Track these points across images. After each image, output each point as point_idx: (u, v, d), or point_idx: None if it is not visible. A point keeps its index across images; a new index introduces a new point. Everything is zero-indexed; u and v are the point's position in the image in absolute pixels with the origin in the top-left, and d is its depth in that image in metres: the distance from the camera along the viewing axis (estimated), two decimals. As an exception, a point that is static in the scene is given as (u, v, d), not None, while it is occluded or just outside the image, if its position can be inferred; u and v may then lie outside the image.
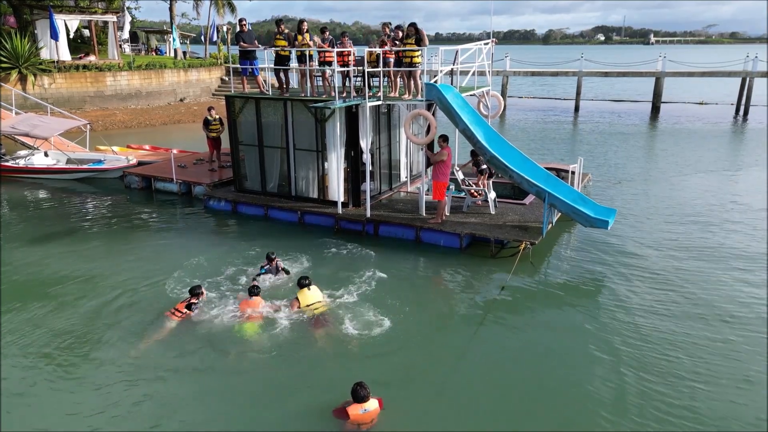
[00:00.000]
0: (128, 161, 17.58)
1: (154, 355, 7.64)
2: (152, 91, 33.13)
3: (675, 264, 10.69)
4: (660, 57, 32.99)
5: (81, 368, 7.34)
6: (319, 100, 12.10)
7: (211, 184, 15.07)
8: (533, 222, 11.79)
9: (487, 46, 13.59)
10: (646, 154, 21.61)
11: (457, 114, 11.43)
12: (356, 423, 6.07)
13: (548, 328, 8.47)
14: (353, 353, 7.63)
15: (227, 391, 6.87)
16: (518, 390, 6.94)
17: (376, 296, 9.30)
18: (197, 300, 8.64)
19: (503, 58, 35.34)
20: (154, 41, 50.42)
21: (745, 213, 13.80)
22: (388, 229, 12.03)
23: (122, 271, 10.39)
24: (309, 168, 13.29)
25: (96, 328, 8.31)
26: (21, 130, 17.78)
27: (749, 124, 29.42)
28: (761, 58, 32.10)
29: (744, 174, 18.15)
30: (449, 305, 9.22)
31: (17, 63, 26.93)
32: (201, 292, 8.77)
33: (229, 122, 14.02)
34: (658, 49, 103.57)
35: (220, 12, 44.26)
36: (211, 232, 12.70)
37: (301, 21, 12.93)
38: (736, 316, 8.69)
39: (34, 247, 11.62)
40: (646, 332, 8.20)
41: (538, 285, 9.91)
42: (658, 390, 6.84)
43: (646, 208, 14.25)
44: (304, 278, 8.85)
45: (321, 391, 6.80)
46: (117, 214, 13.93)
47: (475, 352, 7.77)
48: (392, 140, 14.12)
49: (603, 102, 41.17)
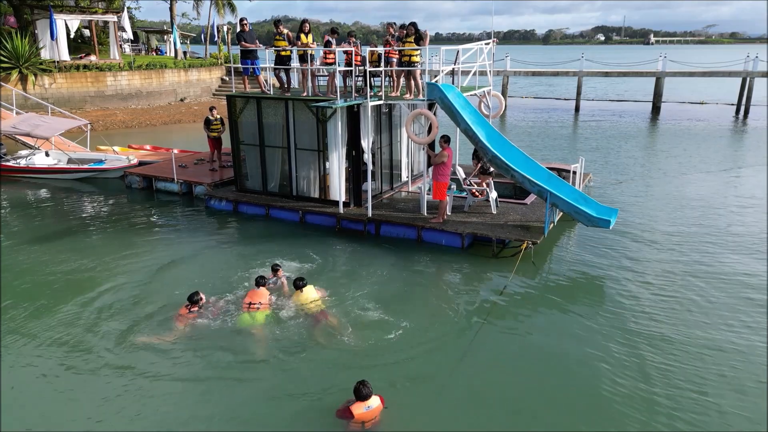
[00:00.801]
0: (129, 161, 17.58)
1: (153, 356, 7.63)
2: (153, 91, 33.14)
3: (677, 263, 10.68)
4: (660, 57, 33.00)
5: (79, 370, 7.33)
6: (321, 100, 12.10)
7: (212, 183, 15.07)
8: (535, 221, 11.79)
9: (488, 46, 13.60)
10: (647, 154, 21.61)
11: (459, 113, 11.43)
12: (360, 421, 6.08)
13: (550, 327, 8.46)
14: (354, 354, 7.62)
15: (227, 393, 6.87)
16: (519, 390, 6.93)
17: (378, 296, 9.30)
18: (197, 307, 8.50)
19: (503, 58, 35.34)
20: (155, 41, 50.44)
21: (746, 212, 13.80)
22: (390, 229, 12.03)
23: (122, 270, 10.38)
24: (310, 168, 13.28)
25: (95, 328, 8.29)
26: (22, 130, 17.78)
27: (749, 124, 29.43)
28: (761, 58, 32.11)
29: (745, 173, 18.15)
30: (451, 305, 9.21)
31: (18, 63, 26.94)
32: (200, 299, 8.59)
33: (231, 122, 14.01)
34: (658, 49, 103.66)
35: (220, 12, 44.30)
36: (212, 231, 12.69)
37: (304, 21, 12.93)
38: (739, 316, 8.68)
39: (35, 246, 11.61)
40: (647, 332, 8.19)
41: (540, 284, 9.91)
42: (660, 391, 6.83)
43: (648, 208, 14.25)
44: (299, 279, 8.93)
45: (322, 392, 6.79)
46: (118, 214, 13.93)
47: (477, 351, 7.76)
48: (393, 140, 14.12)
49: (603, 102, 41.19)
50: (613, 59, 41.79)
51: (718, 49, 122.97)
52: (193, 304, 8.49)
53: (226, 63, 37.97)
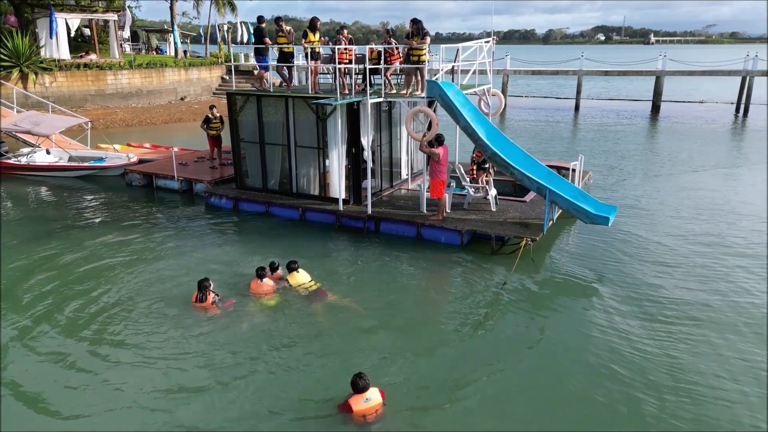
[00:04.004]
0: (129, 159, 17.61)
1: (153, 347, 7.66)
2: (153, 89, 33.16)
3: (676, 260, 10.72)
4: (660, 56, 33.02)
5: (92, 364, 7.37)
6: (320, 97, 12.13)
7: (212, 181, 15.10)
8: (534, 219, 11.82)
9: (487, 45, 13.62)
10: (646, 152, 21.64)
11: (458, 111, 11.46)
12: (361, 414, 6.10)
13: (549, 325, 8.49)
14: (353, 350, 7.65)
15: (226, 389, 6.91)
16: (518, 387, 6.95)
17: (377, 293, 9.33)
18: (207, 291, 8.65)
19: (503, 57, 35.37)
20: (155, 40, 50.47)
21: (746, 211, 13.82)
22: (389, 226, 12.06)
23: (122, 268, 10.41)
24: (310, 165, 13.32)
25: (95, 327, 8.33)
26: (23, 127, 17.83)
27: (749, 123, 29.45)
28: (761, 57, 32.13)
29: (744, 172, 18.18)
30: (450, 302, 9.24)
31: (18, 62, 26.97)
32: (209, 285, 8.73)
33: (231, 119, 14.04)
34: (658, 48, 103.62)
35: (220, 11, 44.31)
36: (212, 229, 12.72)
37: (314, 19, 12.97)
38: (739, 312, 8.71)
39: (35, 244, 11.64)
40: (647, 329, 8.22)
41: (539, 281, 9.94)
42: (660, 389, 6.86)
43: (647, 205, 14.28)
44: (292, 262, 9.20)
45: (324, 388, 6.81)
46: (118, 212, 13.96)
47: (476, 348, 7.79)
48: (393, 138, 14.15)
49: (603, 101, 41.20)
50: (613, 59, 41.79)
51: (718, 49, 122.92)
52: (202, 288, 8.63)
53: (226, 62, 37.97)
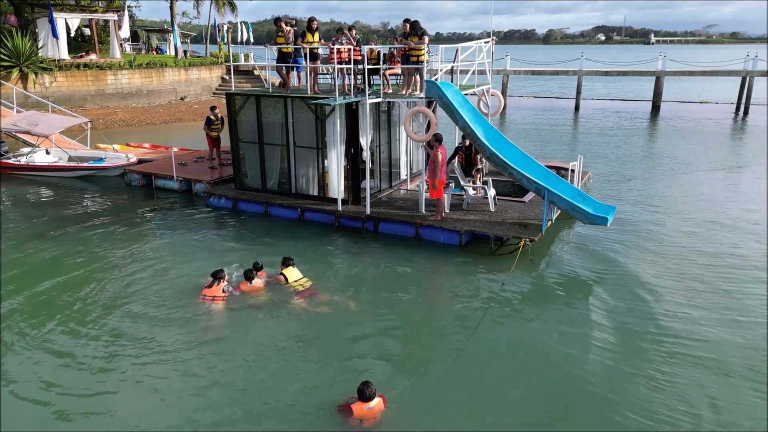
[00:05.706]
0: (128, 159, 17.62)
1: (152, 347, 7.67)
2: (153, 89, 33.17)
3: (675, 260, 10.71)
4: (660, 56, 33.01)
5: (91, 364, 7.38)
6: (319, 98, 12.14)
7: (211, 181, 15.11)
8: (533, 219, 11.82)
9: (487, 45, 13.63)
10: (646, 153, 21.63)
11: (457, 111, 11.46)
12: (359, 419, 6.12)
13: (548, 325, 8.49)
14: (352, 350, 7.67)
15: (226, 385, 6.92)
16: (517, 387, 6.96)
17: (376, 293, 9.34)
18: (224, 282, 8.86)
19: (503, 57, 35.36)
20: (155, 40, 50.45)
21: (746, 210, 13.82)
22: (388, 226, 12.07)
23: (122, 268, 10.41)
24: (309, 165, 13.32)
25: (95, 326, 8.35)
26: (22, 127, 17.84)
27: (749, 123, 29.44)
28: (761, 58, 32.12)
29: (744, 172, 18.17)
30: (449, 302, 9.25)
31: (18, 61, 26.98)
32: (223, 276, 8.95)
33: (230, 120, 14.05)
34: (659, 48, 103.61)
35: (220, 11, 44.27)
36: (211, 229, 12.72)
37: (311, 19, 12.96)
38: (738, 311, 8.72)
39: (35, 244, 11.64)
40: (646, 328, 8.22)
41: (538, 282, 9.94)
42: (660, 387, 6.87)
43: (646, 206, 14.27)
44: (289, 258, 9.43)
45: (322, 387, 6.82)
46: (118, 212, 13.96)
47: (475, 348, 7.79)
48: (392, 138, 14.15)
49: (603, 101, 41.18)
50: (613, 59, 41.79)
51: (719, 49, 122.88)
52: (217, 279, 8.81)
53: (226, 62, 37.98)
